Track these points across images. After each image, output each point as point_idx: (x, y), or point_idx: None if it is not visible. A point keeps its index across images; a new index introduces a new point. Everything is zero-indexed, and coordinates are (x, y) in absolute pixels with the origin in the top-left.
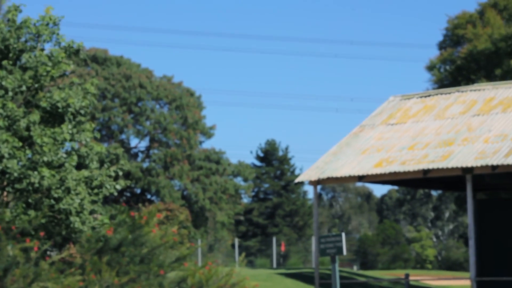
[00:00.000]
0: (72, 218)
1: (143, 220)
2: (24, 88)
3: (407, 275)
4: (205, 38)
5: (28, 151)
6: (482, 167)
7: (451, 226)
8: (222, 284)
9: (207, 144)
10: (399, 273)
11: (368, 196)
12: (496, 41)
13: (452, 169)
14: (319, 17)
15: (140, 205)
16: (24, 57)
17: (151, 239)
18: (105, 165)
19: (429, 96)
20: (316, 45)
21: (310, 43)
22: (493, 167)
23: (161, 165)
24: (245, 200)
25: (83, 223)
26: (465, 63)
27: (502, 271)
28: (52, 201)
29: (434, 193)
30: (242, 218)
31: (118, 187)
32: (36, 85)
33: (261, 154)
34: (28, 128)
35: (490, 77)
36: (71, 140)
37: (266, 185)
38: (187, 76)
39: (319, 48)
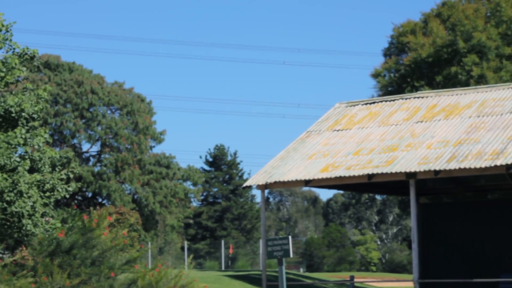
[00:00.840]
0: (24, 221)
1: (94, 223)
2: None
3: (352, 277)
4: (155, 45)
5: None
6: (425, 172)
7: (395, 230)
8: (171, 286)
9: (157, 149)
10: (344, 275)
11: (315, 200)
12: (438, 49)
13: (396, 174)
14: (267, 25)
15: (91, 208)
16: None
17: (101, 241)
18: (57, 169)
19: (374, 103)
20: (264, 52)
21: (258, 50)
22: (436, 172)
23: (112, 169)
24: (195, 203)
25: (35, 225)
26: (409, 70)
27: (444, 273)
28: (5, 204)
29: (379, 197)
30: (191, 221)
31: (70, 189)
32: None
33: (210, 159)
34: None
35: (432, 85)
36: (24, 144)
37: (215, 189)
38: (138, 82)
39: (267, 55)
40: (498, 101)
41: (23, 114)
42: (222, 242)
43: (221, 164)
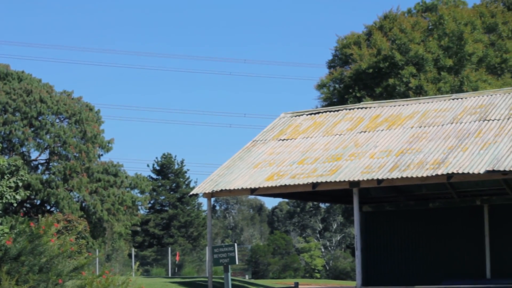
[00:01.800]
0: None
1: (41, 230)
2: None
3: (296, 284)
4: (104, 55)
5: None
6: (368, 181)
7: (338, 237)
8: None
9: (106, 157)
10: (289, 282)
11: (260, 208)
12: (378, 61)
13: (340, 182)
14: (214, 36)
15: (39, 216)
16: None
17: (49, 248)
18: (6, 177)
19: (318, 113)
20: (211, 63)
21: (206, 61)
22: (379, 181)
23: (61, 177)
24: (142, 211)
25: None
26: (352, 81)
27: (387, 279)
28: None
29: (323, 205)
30: (138, 228)
31: (18, 197)
32: None
33: (158, 167)
34: None
35: (373, 95)
36: None
37: (162, 197)
38: (87, 91)
39: (214, 66)
40: (439, 112)
41: None
42: (169, 249)
43: (168, 172)
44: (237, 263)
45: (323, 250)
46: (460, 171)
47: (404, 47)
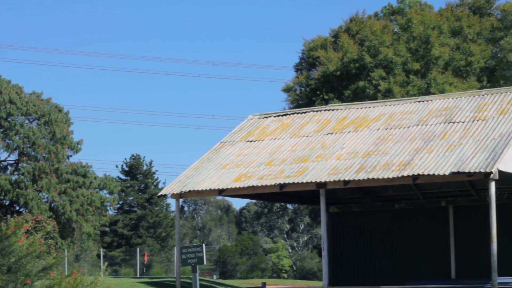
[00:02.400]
0: None
1: (10, 231)
2: None
3: (264, 284)
4: (73, 56)
5: None
6: (334, 182)
7: (305, 238)
8: None
9: (74, 158)
10: (256, 282)
11: (228, 209)
12: (346, 63)
13: (307, 184)
14: (183, 38)
15: (8, 216)
16: None
17: (18, 248)
18: None
19: (286, 115)
20: (180, 65)
21: (174, 63)
22: (345, 182)
23: (30, 178)
24: (111, 212)
25: None
26: (319, 84)
27: (353, 279)
28: None
29: (290, 206)
30: (107, 229)
31: None
32: None
33: (126, 168)
34: None
35: (341, 98)
36: None
37: (131, 198)
38: (56, 92)
39: (183, 68)
40: (405, 114)
41: None
42: (138, 249)
43: (136, 173)
44: (205, 263)
45: (290, 250)
46: (425, 173)
47: (373, 50)
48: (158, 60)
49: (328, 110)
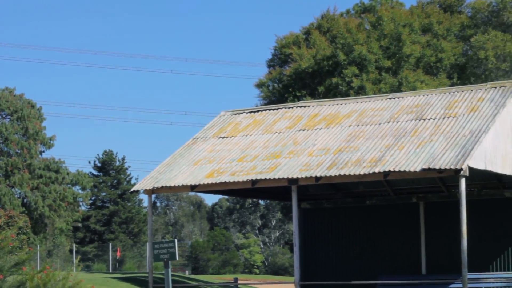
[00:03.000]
0: None
1: None
2: None
3: (236, 279)
4: (46, 52)
5: None
6: (306, 178)
7: (277, 233)
8: None
9: (47, 154)
10: (228, 278)
11: (200, 204)
12: (319, 60)
13: (279, 180)
14: (155, 35)
15: None
16: None
17: None
18: None
19: (258, 111)
20: (153, 61)
21: (147, 59)
22: (317, 179)
23: (2, 173)
24: (83, 207)
25: None
26: (291, 81)
27: (325, 275)
28: None
29: (262, 202)
30: (80, 224)
31: None
32: None
33: (99, 164)
34: None
35: (314, 95)
36: None
37: (103, 194)
38: (28, 88)
39: (156, 64)
40: (377, 111)
41: None
42: (110, 245)
43: (109, 169)
44: (177, 258)
45: (262, 246)
46: (396, 169)
47: (347, 47)
48: (131, 57)
49: (300, 106)
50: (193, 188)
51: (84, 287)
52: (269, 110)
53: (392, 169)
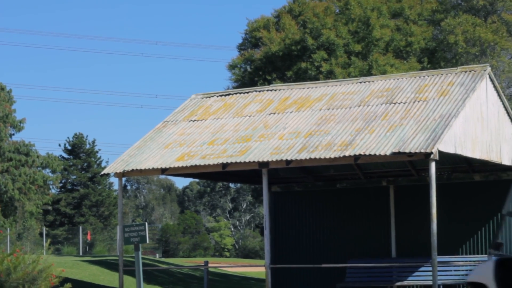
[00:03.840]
0: None
1: None
2: None
3: (206, 262)
4: (15, 35)
5: None
6: (277, 161)
7: (248, 217)
8: (29, 271)
9: (17, 137)
10: (199, 261)
11: (170, 188)
12: (289, 44)
13: (249, 163)
14: (126, 17)
15: None
16: None
17: None
18: None
19: (228, 95)
20: (123, 44)
21: (118, 42)
22: (287, 162)
23: None
24: (53, 190)
25: None
26: (262, 64)
27: (295, 258)
28: None
29: (233, 185)
30: (50, 208)
31: None
32: None
33: (69, 147)
34: None
35: (284, 78)
36: None
37: (74, 177)
38: None
39: (126, 47)
40: (347, 95)
41: None
42: (80, 228)
43: (79, 152)
44: (147, 242)
45: (232, 229)
46: (367, 153)
47: (316, 31)
48: (102, 39)
49: (271, 90)
50: (163, 171)
51: (54, 271)
52: (240, 93)
53: (362, 153)
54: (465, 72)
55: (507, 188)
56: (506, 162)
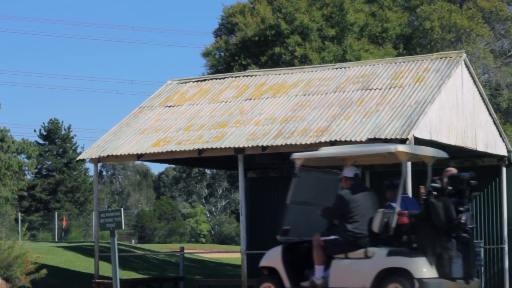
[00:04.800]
0: None
1: None
2: None
3: (182, 248)
4: None
5: None
6: (253, 147)
7: (223, 203)
8: (4, 257)
9: None
10: (174, 247)
11: (146, 173)
12: (263, 29)
13: (225, 149)
14: (101, 2)
15: None
16: None
17: None
18: None
19: (204, 80)
20: (98, 29)
21: (93, 27)
22: (263, 148)
23: None
24: (29, 176)
25: None
26: (237, 50)
27: (270, 244)
28: None
29: (208, 171)
30: (25, 193)
31: None
32: None
33: (44, 133)
34: None
35: (259, 64)
36: None
37: (49, 162)
38: None
39: (102, 32)
40: (323, 81)
41: None
42: (56, 214)
43: (55, 137)
44: (123, 228)
45: (208, 215)
46: (342, 139)
47: (290, 16)
48: (77, 24)
49: (247, 76)
50: (139, 157)
51: (30, 257)
52: (216, 79)
53: (338, 139)
54: (441, 58)
55: (482, 174)
56: (481, 148)
